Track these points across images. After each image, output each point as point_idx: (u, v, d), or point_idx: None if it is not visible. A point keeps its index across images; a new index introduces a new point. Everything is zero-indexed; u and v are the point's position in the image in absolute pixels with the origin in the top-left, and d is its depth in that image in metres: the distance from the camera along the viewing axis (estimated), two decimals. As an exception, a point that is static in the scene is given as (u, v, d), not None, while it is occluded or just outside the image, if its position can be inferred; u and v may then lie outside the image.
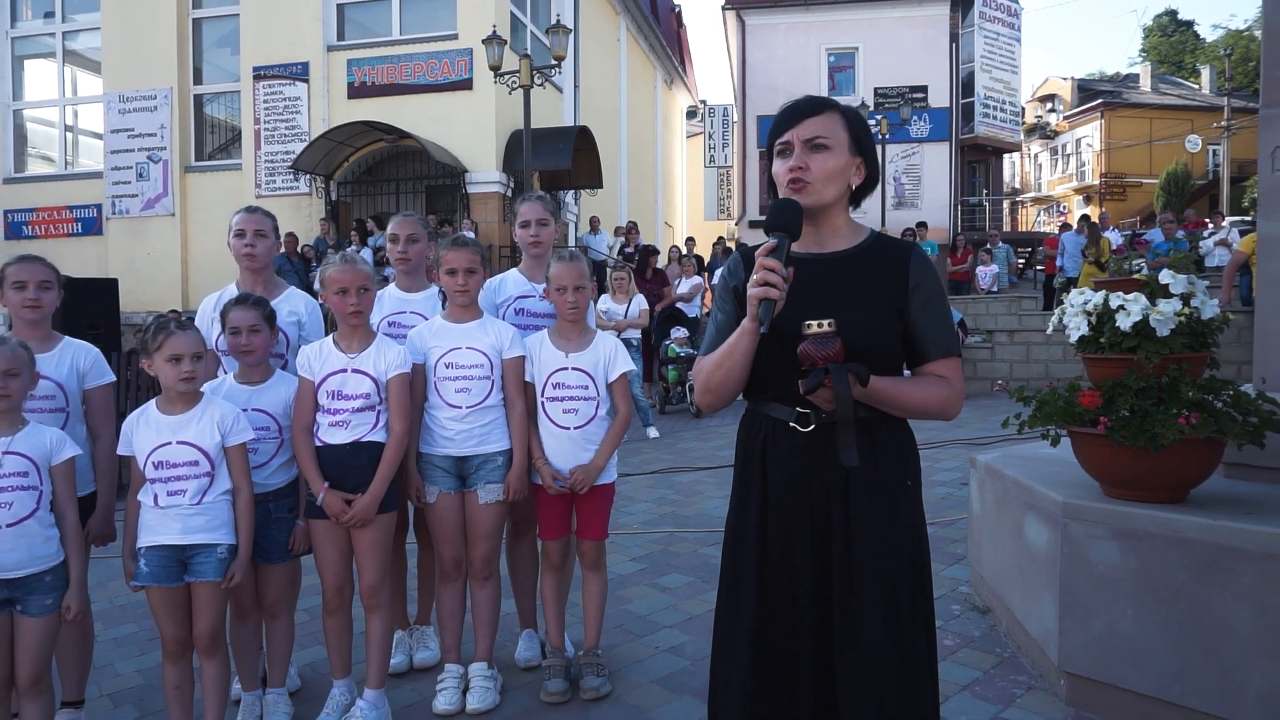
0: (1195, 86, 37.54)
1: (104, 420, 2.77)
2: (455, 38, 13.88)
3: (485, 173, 13.93)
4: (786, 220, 1.65)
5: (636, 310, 8.60)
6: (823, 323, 1.58)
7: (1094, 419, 2.54)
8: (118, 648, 3.60)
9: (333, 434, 2.67)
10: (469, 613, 3.00)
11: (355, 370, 2.68)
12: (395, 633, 3.16)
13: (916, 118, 20.27)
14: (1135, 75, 39.20)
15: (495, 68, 12.01)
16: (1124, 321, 2.49)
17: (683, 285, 10.95)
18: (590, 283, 2.91)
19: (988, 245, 15.28)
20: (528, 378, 2.91)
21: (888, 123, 17.49)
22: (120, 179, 15.57)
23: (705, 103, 24.97)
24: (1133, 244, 13.13)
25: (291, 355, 2.97)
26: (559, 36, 12.14)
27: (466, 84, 13.85)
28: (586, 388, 2.87)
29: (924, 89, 21.16)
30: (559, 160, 14.04)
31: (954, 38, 21.57)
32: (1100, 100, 34.19)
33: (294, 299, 3.11)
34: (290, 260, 12.35)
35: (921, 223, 15.44)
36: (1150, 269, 2.65)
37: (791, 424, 1.71)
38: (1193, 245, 12.12)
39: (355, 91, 14.42)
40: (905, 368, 1.78)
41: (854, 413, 1.59)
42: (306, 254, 13.15)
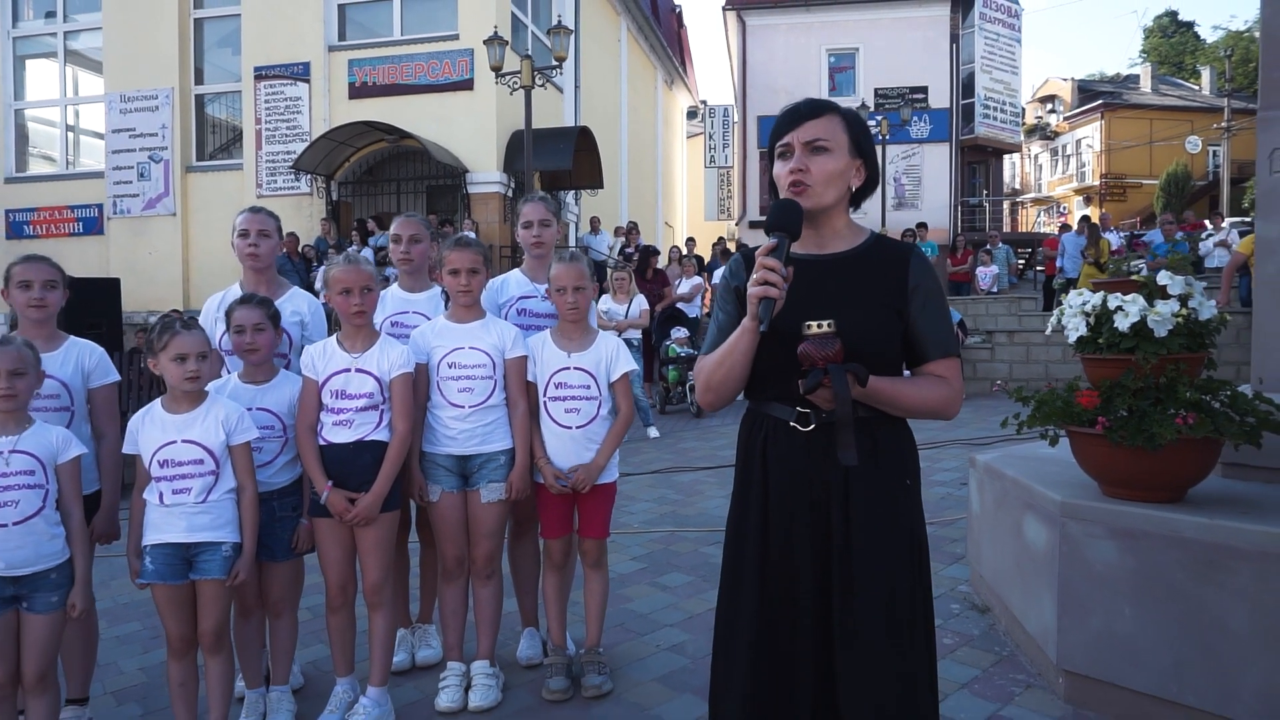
0: (1195, 88, 37.54)
1: (108, 419, 2.78)
2: (456, 38, 13.89)
3: (486, 173, 13.95)
4: (786, 220, 1.67)
5: (637, 310, 8.62)
6: (823, 323, 1.60)
7: (1092, 419, 2.56)
8: (121, 646, 3.62)
9: (336, 433, 2.69)
10: (471, 611, 3.02)
11: (359, 370, 2.70)
12: (398, 631, 3.18)
13: (916, 118, 20.28)
14: (1135, 76, 39.22)
15: (497, 68, 12.02)
16: (1122, 322, 2.51)
17: (683, 285, 10.97)
18: (591, 283, 2.92)
19: (988, 246, 15.29)
20: (530, 377, 2.93)
21: (888, 123, 17.50)
22: (121, 179, 15.58)
23: (706, 103, 24.97)
24: (1131, 245, 13.13)
25: (294, 355, 2.99)
26: (560, 37, 12.16)
27: (467, 84, 13.86)
28: (588, 387, 2.89)
29: (924, 90, 21.18)
30: (560, 160, 14.06)
31: (954, 38, 21.58)
32: (1100, 101, 34.20)
33: (297, 299, 3.12)
34: (291, 260, 12.36)
35: (921, 223, 15.46)
36: (1150, 270, 2.66)
37: (792, 424, 1.73)
38: (1192, 246, 12.13)
39: (356, 92, 14.44)
40: (905, 368, 1.79)
41: (854, 412, 1.61)
42: (307, 254, 13.16)
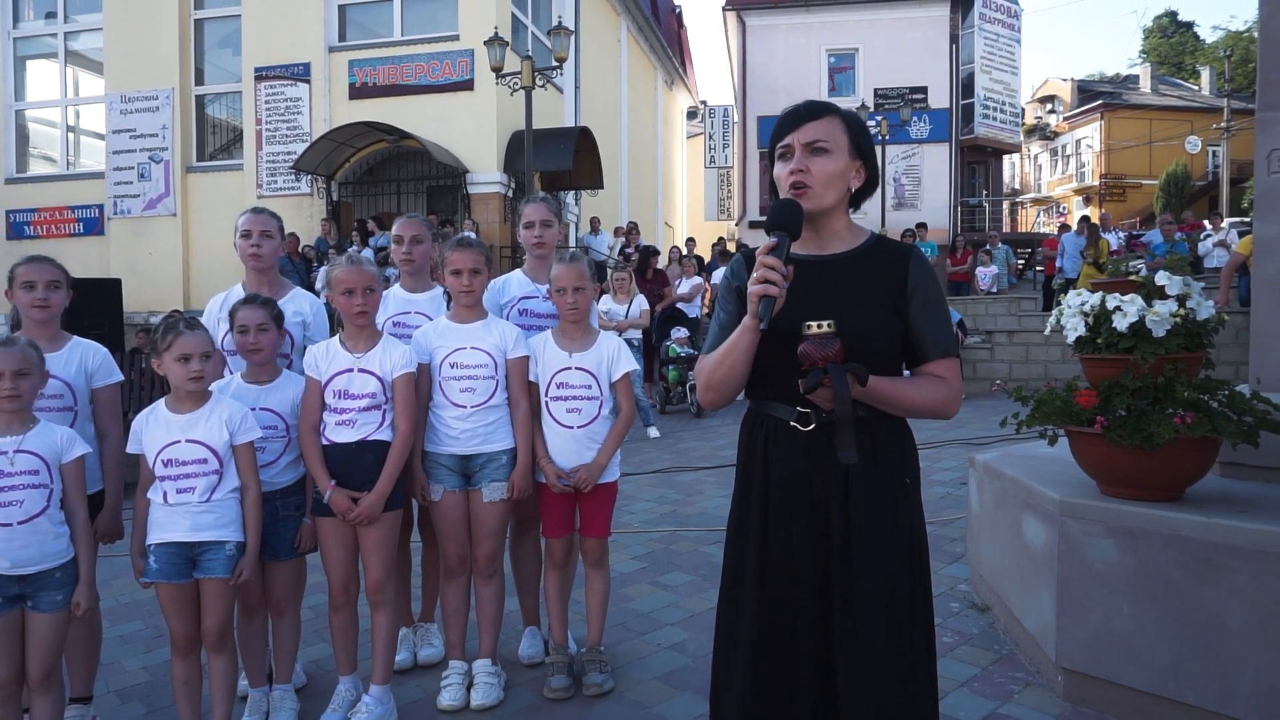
0: (1195, 88, 37.56)
1: (111, 419, 2.79)
2: (456, 39, 13.90)
3: (486, 173, 13.96)
4: (787, 220, 1.68)
5: (637, 311, 8.63)
6: (823, 323, 1.61)
7: (1091, 418, 2.57)
8: (124, 645, 3.63)
9: (339, 433, 2.70)
10: (473, 610, 3.04)
11: (361, 370, 2.71)
12: (400, 630, 3.19)
13: (916, 119, 20.30)
14: (1135, 76, 39.24)
15: (497, 69, 12.03)
16: (1121, 322, 2.53)
17: (683, 285, 10.98)
18: (591, 284, 2.93)
19: (987, 246, 15.31)
20: (532, 377, 2.94)
21: (888, 124, 17.53)
22: (122, 179, 15.59)
23: (705, 103, 24.98)
24: (1130, 245, 13.15)
25: (296, 355, 3.00)
26: (560, 38, 12.17)
27: (468, 85, 13.87)
28: (590, 387, 2.91)
29: (924, 90, 21.20)
30: (560, 161, 14.07)
31: (954, 39, 21.60)
32: (1100, 101, 34.22)
33: (299, 299, 3.13)
34: (291, 261, 12.37)
35: (921, 223, 15.48)
36: (1148, 270, 2.68)
37: (792, 423, 1.74)
38: (1191, 247, 12.15)
39: (356, 92, 14.45)
40: (905, 368, 1.81)
41: (853, 412, 1.62)
42: (308, 254, 13.17)
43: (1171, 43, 45.86)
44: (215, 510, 2.49)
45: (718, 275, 11.16)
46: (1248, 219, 17.57)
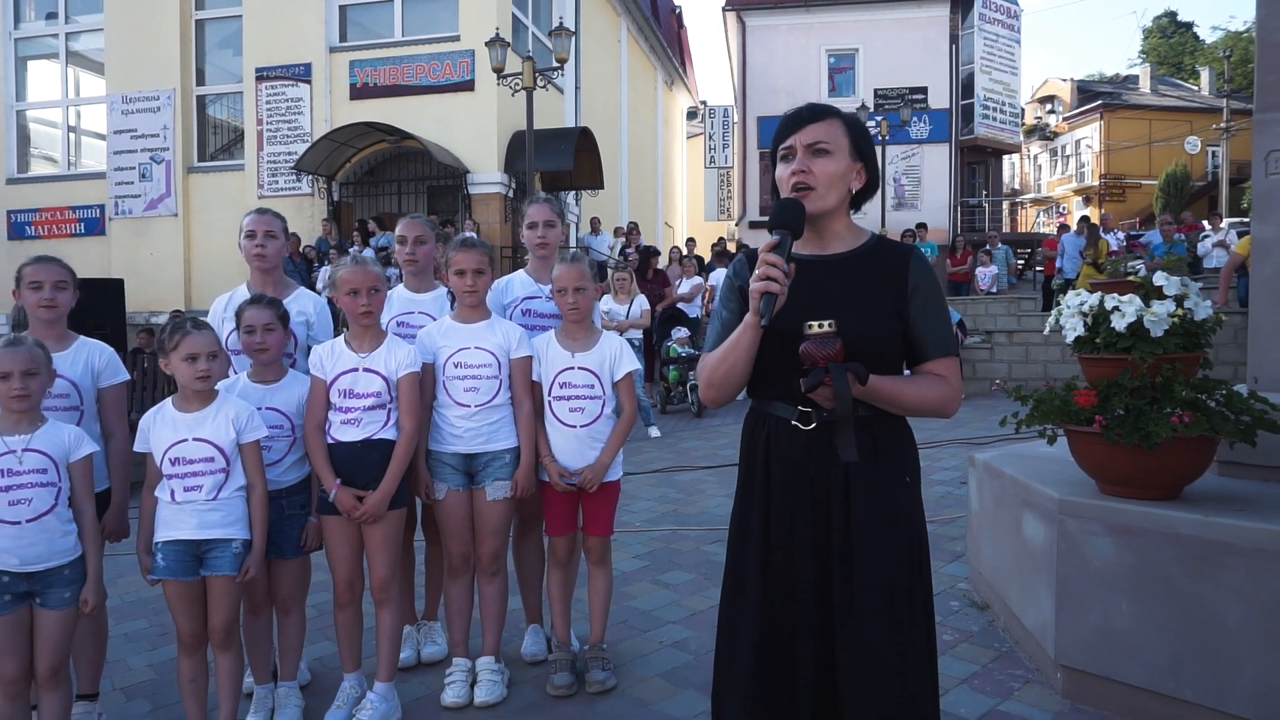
0: (1194, 88, 37.57)
1: (117, 418, 2.81)
2: (457, 39, 13.93)
3: (487, 174, 13.98)
4: (789, 218, 1.70)
5: (638, 311, 8.65)
6: (823, 323, 1.63)
7: (1089, 418, 2.59)
8: (129, 643, 3.65)
9: (344, 432, 2.72)
10: (477, 608, 3.06)
11: (366, 369, 2.73)
12: (404, 628, 3.21)
13: (916, 119, 20.31)
14: (1135, 77, 39.24)
15: (499, 70, 12.05)
16: (1119, 322, 2.55)
17: (683, 286, 11.00)
18: (592, 284, 2.95)
19: (987, 246, 15.34)
20: (535, 377, 2.97)
21: (888, 124, 17.54)
22: (123, 179, 15.62)
23: (705, 103, 25.00)
24: (1129, 246, 13.16)
25: (300, 355, 3.02)
26: (561, 39, 12.19)
27: (468, 85, 13.90)
28: (592, 387, 2.93)
29: (924, 90, 21.21)
30: (560, 161, 14.09)
31: (954, 39, 21.62)
32: (1100, 101, 34.23)
33: (303, 299, 3.15)
34: (292, 261, 12.38)
35: (921, 224, 15.50)
36: (1147, 271, 2.70)
37: (793, 422, 1.76)
38: (1190, 247, 12.16)
39: (357, 92, 14.47)
40: (905, 367, 1.83)
41: (854, 411, 1.64)
42: (309, 255, 13.19)
43: (1171, 43, 45.87)
44: (222, 508, 2.51)
45: (715, 276, 11.18)
46: (1247, 219, 17.57)
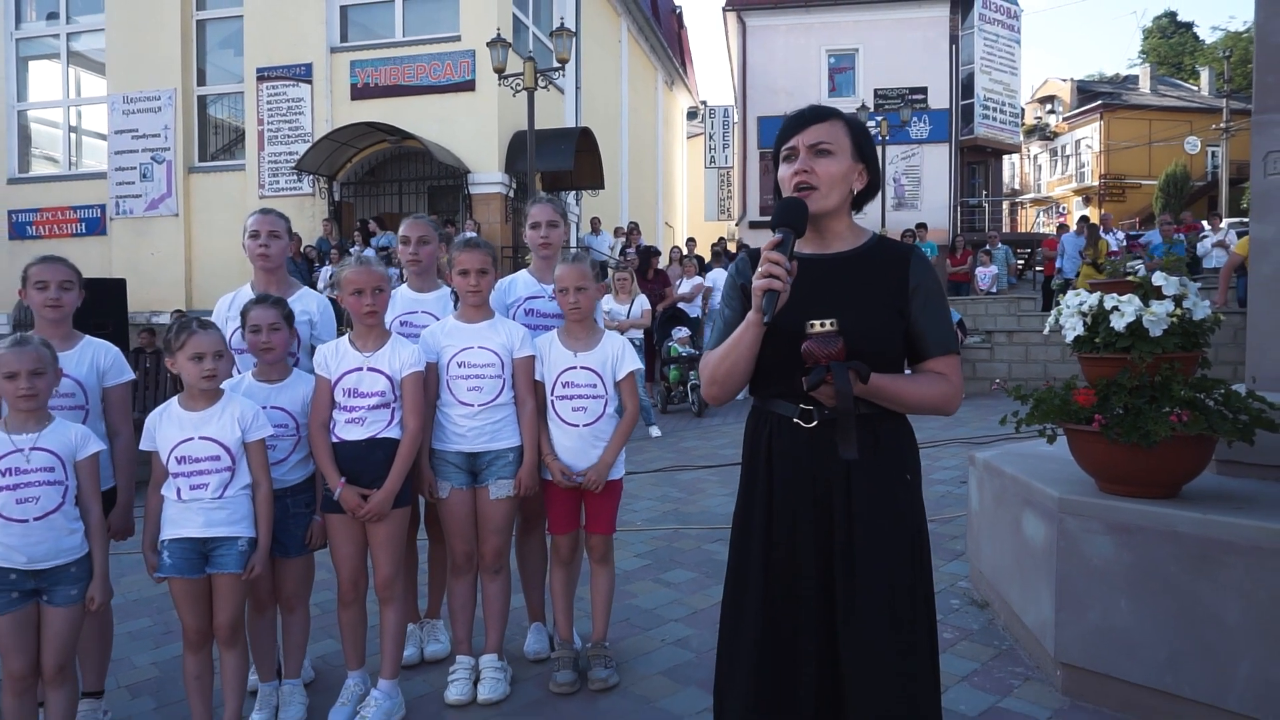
0: (1194, 88, 37.59)
1: (122, 417, 2.82)
2: (458, 39, 13.94)
3: (488, 174, 13.99)
4: (792, 217, 1.72)
5: (639, 310, 8.67)
6: (825, 322, 1.65)
7: (1089, 417, 2.61)
8: (133, 641, 3.67)
9: (349, 430, 2.74)
10: (480, 606, 3.07)
11: (371, 369, 2.75)
12: (407, 626, 3.23)
13: (916, 119, 20.33)
14: (1135, 77, 39.26)
15: (500, 70, 12.06)
16: (1118, 322, 2.56)
17: (684, 285, 11.01)
18: (594, 283, 2.97)
19: (987, 246, 15.35)
20: (538, 376, 2.98)
21: (888, 124, 17.56)
22: (124, 179, 15.62)
23: (706, 103, 25.00)
24: (1129, 246, 13.17)
25: (304, 354, 3.04)
26: (562, 39, 12.20)
27: (469, 85, 13.91)
28: (595, 386, 2.94)
29: (924, 90, 21.23)
30: (561, 161, 14.10)
31: (954, 39, 21.63)
32: (1099, 102, 34.25)
33: (306, 299, 3.17)
34: (294, 261, 12.40)
35: (921, 224, 15.52)
36: (1146, 271, 2.72)
37: (795, 420, 1.78)
38: (1190, 247, 12.17)
39: (358, 93, 14.48)
40: (906, 365, 1.84)
41: (855, 409, 1.65)
42: (310, 255, 13.20)
43: (1171, 43, 45.88)
44: (228, 506, 2.53)
45: (714, 277, 11.18)
46: (1246, 220, 17.58)
